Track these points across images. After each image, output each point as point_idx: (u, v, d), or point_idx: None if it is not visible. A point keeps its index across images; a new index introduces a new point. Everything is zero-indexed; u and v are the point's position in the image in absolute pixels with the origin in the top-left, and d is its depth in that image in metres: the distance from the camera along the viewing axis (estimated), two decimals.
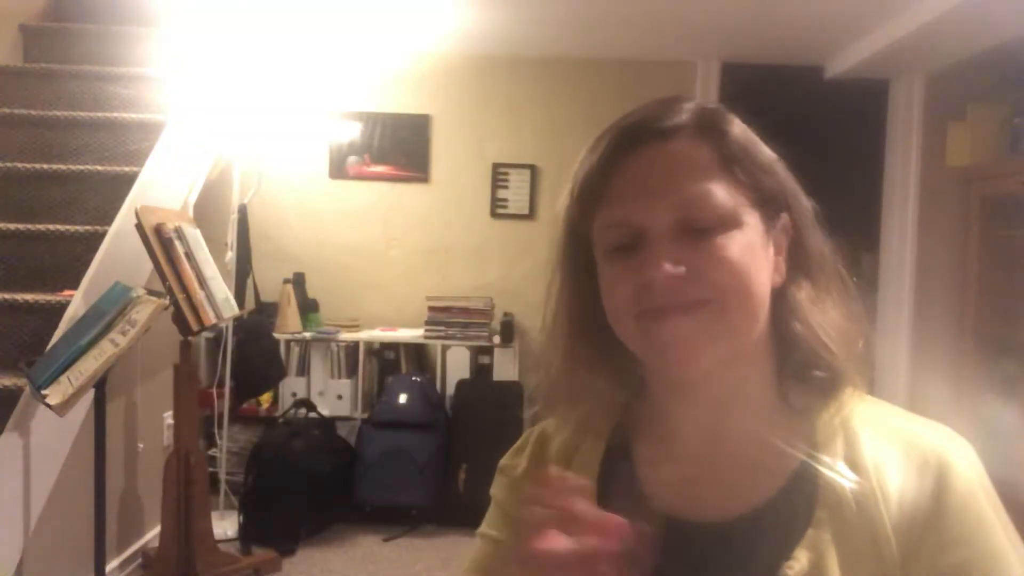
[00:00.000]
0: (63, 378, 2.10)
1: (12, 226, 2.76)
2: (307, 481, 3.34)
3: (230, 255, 3.47)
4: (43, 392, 2.07)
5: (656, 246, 0.61)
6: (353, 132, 4.17)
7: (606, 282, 0.65)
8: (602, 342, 0.68)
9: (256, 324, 3.59)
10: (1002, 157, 3.60)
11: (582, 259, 0.68)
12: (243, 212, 3.60)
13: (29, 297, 2.54)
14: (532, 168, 4.18)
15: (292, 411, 3.61)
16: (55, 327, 2.41)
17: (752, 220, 0.63)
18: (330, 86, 4.13)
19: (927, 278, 3.90)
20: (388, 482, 3.48)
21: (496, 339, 3.83)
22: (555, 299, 0.72)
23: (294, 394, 3.79)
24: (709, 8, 3.35)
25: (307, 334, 3.85)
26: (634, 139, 0.64)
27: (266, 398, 3.84)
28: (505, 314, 3.95)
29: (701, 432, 0.67)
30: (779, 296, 0.65)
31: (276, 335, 3.73)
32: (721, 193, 0.62)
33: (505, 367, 3.84)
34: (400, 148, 4.19)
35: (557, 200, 0.73)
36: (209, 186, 3.48)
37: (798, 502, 0.62)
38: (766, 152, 0.67)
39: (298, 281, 3.99)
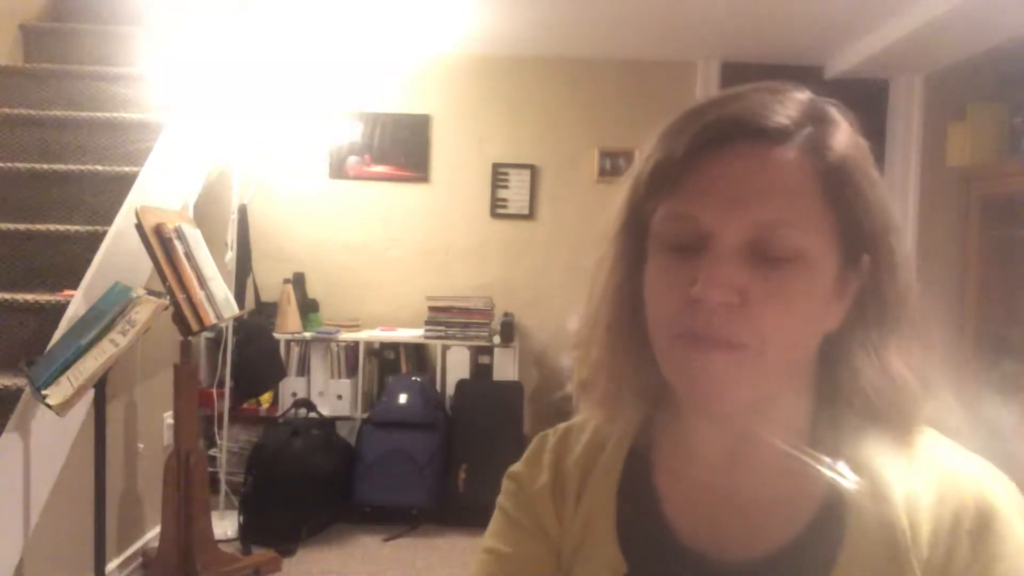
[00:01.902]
0: (63, 378, 2.10)
1: (12, 226, 2.76)
2: (307, 481, 3.33)
3: (230, 255, 3.47)
4: (43, 392, 2.07)
5: (720, 260, 0.54)
6: (353, 132, 4.17)
7: (653, 277, 0.59)
8: (640, 338, 0.61)
9: (256, 324, 3.59)
10: (1002, 157, 3.60)
11: (635, 245, 0.62)
12: (243, 212, 3.60)
13: (29, 297, 2.54)
14: (532, 168, 4.18)
15: (292, 411, 3.61)
16: (55, 327, 2.41)
17: (827, 262, 0.56)
18: (330, 86, 4.13)
19: (927, 278, 3.89)
20: (388, 482, 3.48)
21: (496, 339, 3.83)
22: (601, 285, 0.66)
23: (294, 394, 3.79)
24: (709, 8, 3.35)
25: (307, 334, 3.85)
26: (729, 133, 0.56)
27: (266, 398, 3.84)
28: (505, 314, 3.95)
29: (724, 457, 0.62)
30: (832, 338, 0.59)
31: (276, 335, 3.73)
32: (807, 224, 0.55)
33: (505, 367, 3.84)
34: (400, 148, 4.19)
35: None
36: (209, 186, 3.48)
37: (825, 541, 0.58)
38: (871, 179, 0.58)
39: (298, 281, 3.99)
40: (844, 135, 0.58)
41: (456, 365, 3.87)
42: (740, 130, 0.56)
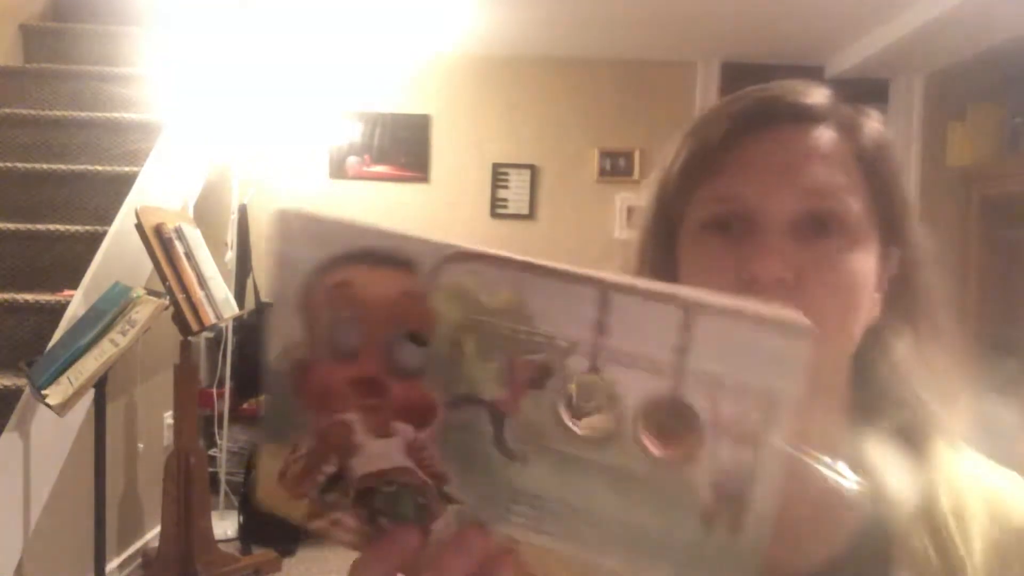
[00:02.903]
0: (63, 378, 2.10)
1: (12, 226, 2.76)
2: None
3: (230, 255, 3.47)
4: (43, 392, 2.07)
5: (769, 236, 0.51)
6: (353, 132, 4.16)
7: (693, 263, 0.55)
8: None
9: (256, 324, 3.59)
10: (1002, 157, 3.60)
11: (664, 243, 0.59)
12: (243, 212, 3.60)
13: (29, 297, 2.54)
14: (532, 168, 4.18)
15: None
16: (55, 327, 2.41)
17: (871, 242, 0.54)
18: (330, 86, 4.13)
19: None
20: None
21: None
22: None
23: None
24: (709, 8, 3.35)
25: None
26: (766, 117, 0.54)
27: None
28: None
29: None
30: (871, 333, 0.55)
31: None
32: (853, 196, 0.53)
33: None
34: (400, 148, 4.19)
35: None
36: (209, 186, 3.48)
37: (872, 561, 0.54)
38: (898, 165, 0.57)
39: None
40: (875, 119, 0.57)
41: None
42: (777, 112, 0.55)
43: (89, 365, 2.14)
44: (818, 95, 0.56)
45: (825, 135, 0.54)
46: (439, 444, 0.34)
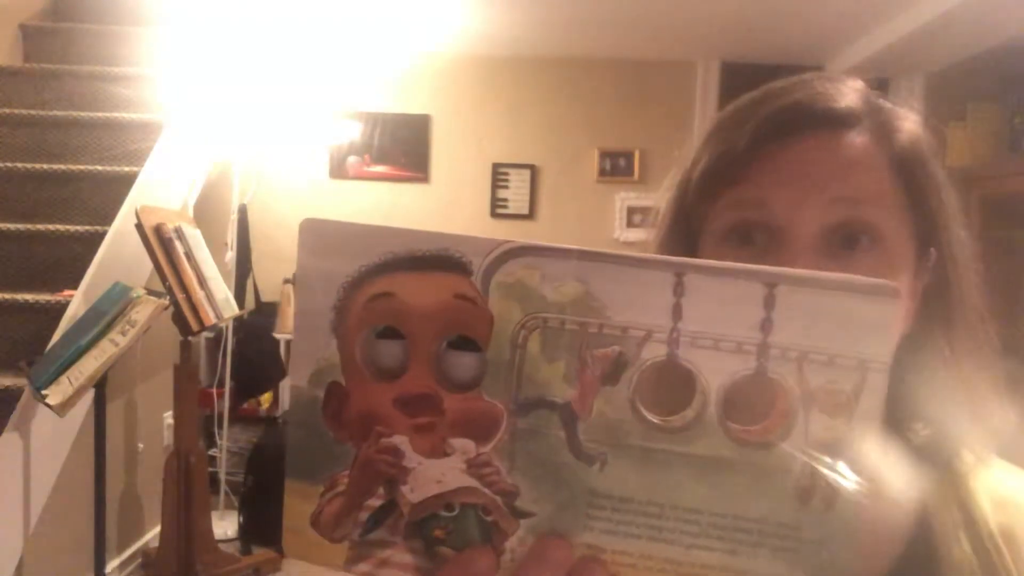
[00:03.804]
0: (63, 378, 2.10)
1: (12, 226, 2.76)
2: None
3: (230, 255, 3.47)
4: (43, 392, 2.07)
5: (796, 250, 0.48)
6: (353, 132, 4.16)
7: None
8: None
9: (256, 324, 3.59)
10: (1002, 157, 3.60)
11: (683, 249, 0.56)
12: (243, 212, 3.60)
13: (29, 297, 2.54)
14: (532, 168, 4.18)
15: None
16: (55, 327, 2.41)
17: (906, 252, 0.51)
18: (330, 86, 4.13)
19: None
20: None
21: None
22: None
23: None
24: (709, 8, 3.35)
25: None
26: (794, 122, 0.51)
27: (266, 398, 3.84)
28: None
29: None
30: (903, 343, 0.51)
31: (276, 335, 3.72)
32: (885, 205, 0.50)
33: None
34: (400, 148, 4.19)
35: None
36: (209, 186, 3.48)
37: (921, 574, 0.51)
38: (937, 166, 0.54)
39: None
40: (912, 120, 0.54)
41: None
42: (805, 118, 0.51)
43: (89, 365, 2.14)
44: (851, 96, 0.53)
45: (857, 141, 0.51)
46: (505, 456, 0.31)
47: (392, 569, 0.33)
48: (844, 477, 0.55)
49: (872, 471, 0.30)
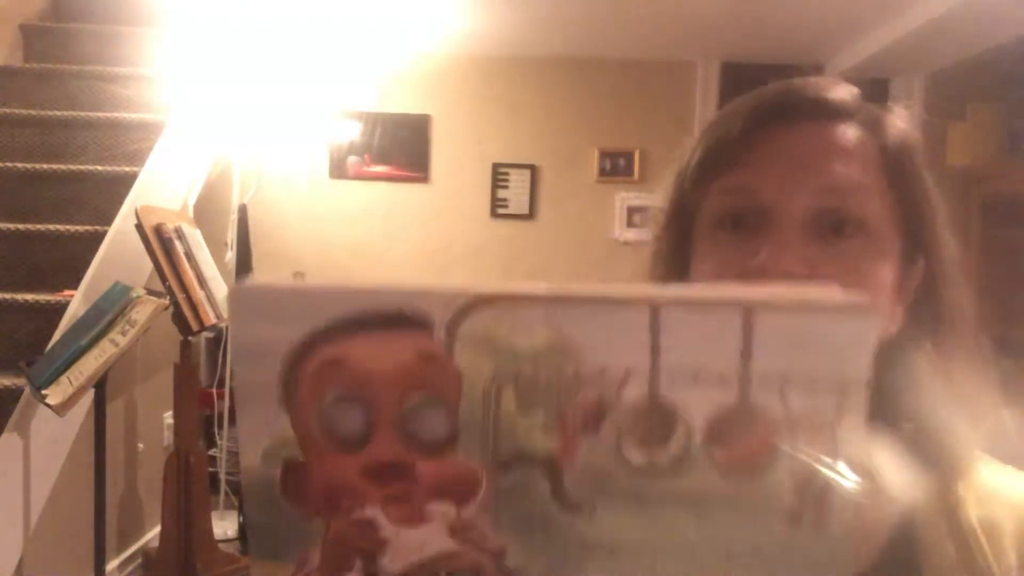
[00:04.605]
0: (63, 378, 2.10)
1: (12, 226, 2.76)
2: None
3: (230, 255, 3.47)
4: (43, 392, 2.07)
5: (783, 231, 0.49)
6: (353, 132, 4.16)
7: (704, 258, 0.53)
8: None
9: None
10: (1002, 157, 3.60)
11: (682, 238, 0.56)
12: (243, 212, 3.60)
13: (29, 297, 2.54)
14: (532, 168, 4.18)
15: None
16: (55, 327, 2.41)
17: (892, 246, 0.51)
18: (330, 86, 4.13)
19: None
20: None
21: None
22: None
23: None
24: (709, 8, 3.35)
25: None
26: (788, 111, 0.52)
27: None
28: None
29: None
30: (891, 345, 0.52)
31: None
32: (873, 195, 0.51)
33: None
34: (400, 148, 4.19)
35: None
36: (209, 186, 3.48)
37: (902, 573, 0.52)
38: (925, 168, 0.55)
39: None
40: (903, 120, 0.56)
41: None
42: (797, 107, 0.53)
43: (89, 365, 2.14)
44: (843, 92, 0.54)
45: (848, 133, 0.52)
46: (490, 515, 0.30)
47: None
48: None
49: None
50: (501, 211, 4.20)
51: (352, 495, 0.30)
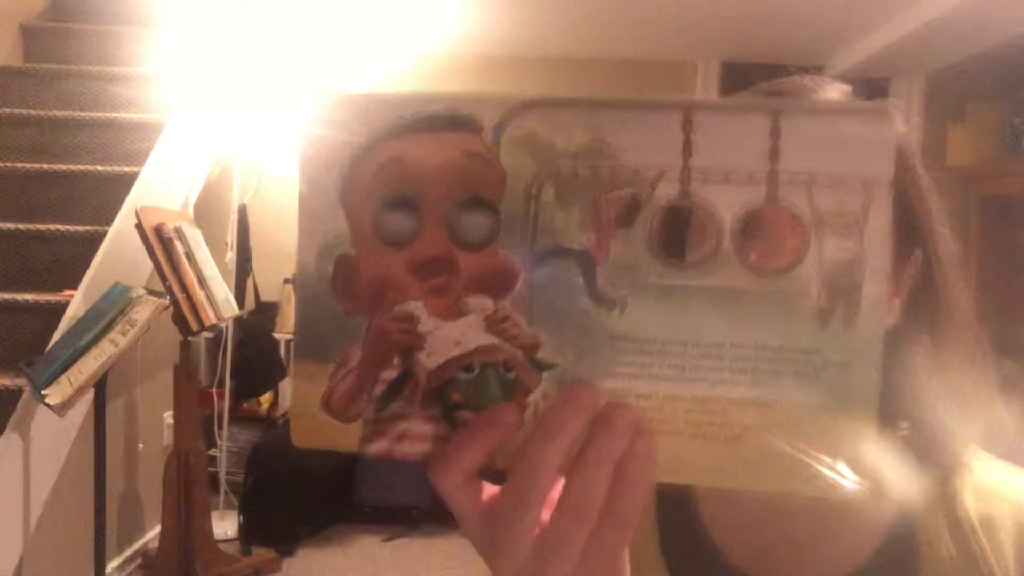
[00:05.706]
0: (63, 378, 2.10)
1: (12, 226, 2.76)
2: (307, 481, 3.33)
3: (230, 255, 3.47)
4: (43, 392, 2.07)
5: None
6: None
7: None
8: None
9: (256, 324, 3.59)
10: (1002, 157, 3.60)
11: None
12: (243, 212, 3.60)
13: (29, 297, 2.54)
14: None
15: None
16: (55, 327, 2.41)
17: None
18: (330, 86, 4.13)
19: None
20: (388, 482, 3.48)
21: None
22: None
23: None
24: (709, 8, 3.35)
25: None
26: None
27: (266, 398, 3.84)
28: None
29: None
30: (887, 339, 0.55)
31: (276, 335, 3.72)
32: None
33: None
34: None
35: None
36: (209, 186, 3.48)
37: (900, 568, 0.53)
38: (922, 167, 0.56)
39: None
40: (897, 119, 0.55)
41: None
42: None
43: (89, 365, 2.14)
44: (831, 91, 0.56)
45: None
46: (524, 308, 0.31)
47: (410, 442, 0.33)
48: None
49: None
50: None
51: (397, 288, 0.31)
